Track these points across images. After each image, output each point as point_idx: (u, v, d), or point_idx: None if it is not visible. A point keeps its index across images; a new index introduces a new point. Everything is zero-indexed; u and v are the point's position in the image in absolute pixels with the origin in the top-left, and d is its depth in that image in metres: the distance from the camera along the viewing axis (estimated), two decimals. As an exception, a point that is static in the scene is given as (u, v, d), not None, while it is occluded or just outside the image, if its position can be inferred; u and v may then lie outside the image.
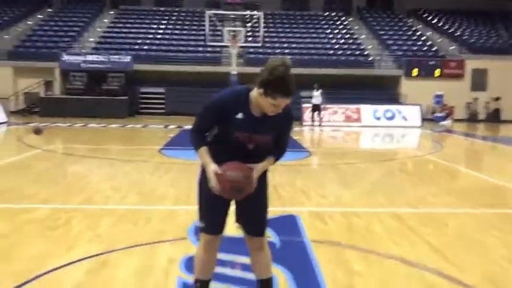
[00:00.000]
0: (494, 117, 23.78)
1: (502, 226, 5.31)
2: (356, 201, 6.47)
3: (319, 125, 18.54)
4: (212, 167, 2.67)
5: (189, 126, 2.81)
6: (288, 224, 5.12)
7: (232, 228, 3.11)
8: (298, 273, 3.71)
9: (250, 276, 3.28)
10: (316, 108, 18.86)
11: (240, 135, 2.67)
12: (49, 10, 29.61)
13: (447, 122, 20.29)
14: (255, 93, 2.64)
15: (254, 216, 2.91)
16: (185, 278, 3.57)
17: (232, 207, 2.91)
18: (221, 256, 3.30)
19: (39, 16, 28.77)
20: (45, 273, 3.64)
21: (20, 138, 13.81)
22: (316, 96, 18.74)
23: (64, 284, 3.46)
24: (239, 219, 2.95)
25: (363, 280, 3.65)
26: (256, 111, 2.69)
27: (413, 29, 29.03)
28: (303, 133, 16.98)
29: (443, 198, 6.81)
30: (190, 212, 5.18)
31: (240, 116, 2.66)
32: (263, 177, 2.87)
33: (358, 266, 3.95)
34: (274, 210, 3.87)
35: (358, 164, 10.06)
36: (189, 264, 3.72)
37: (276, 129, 2.76)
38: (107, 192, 6.61)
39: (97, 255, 4.04)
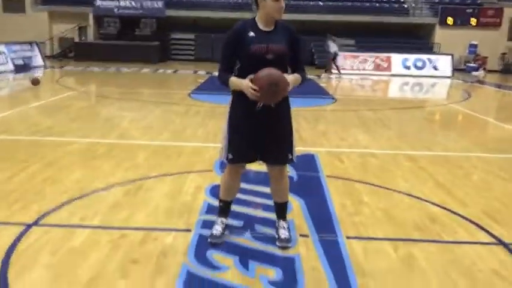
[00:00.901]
0: (530, 68, 23.10)
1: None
2: (374, 144, 6.76)
3: (338, 73, 18.82)
4: (245, 80, 2.99)
5: (216, 73, 3.16)
6: (307, 162, 5.50)
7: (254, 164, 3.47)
8: (311, 201, 4.13)
9: (269, 202, 3.72)
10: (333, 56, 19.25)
11: (257, 47, 3.02)
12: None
13: (479, 73, 19.95)
14: (258, 12, 3.05)
15: (276, 146, 3.19)
16: (210, 201, 4.03)
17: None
18: (243, 186, 3.72)
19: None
20: (89, 193, 4.18)
21: (57, 80, 14.46)
22: (333, 46, 19.25)
23: (105, 202, 3.98)
24: (262, 155, 3.23)
25: (368, 208, 4.05)
26: (265, 27, 3.07)
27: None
28: (331, 81, 17.08)
29: (461, 143, 7.03)
30: (217, 149, 5.59)
31: (251, 34, 3.04)
32: (286, 107, 3.17)
33: (367, 197, 4.34)
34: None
35: (382, 110, 10.26)
36: (214, 191, 4.18)
37: (286, 40, 3.08)
38: (141, 130, 7.12)
39: (133, 181, 4.54)
